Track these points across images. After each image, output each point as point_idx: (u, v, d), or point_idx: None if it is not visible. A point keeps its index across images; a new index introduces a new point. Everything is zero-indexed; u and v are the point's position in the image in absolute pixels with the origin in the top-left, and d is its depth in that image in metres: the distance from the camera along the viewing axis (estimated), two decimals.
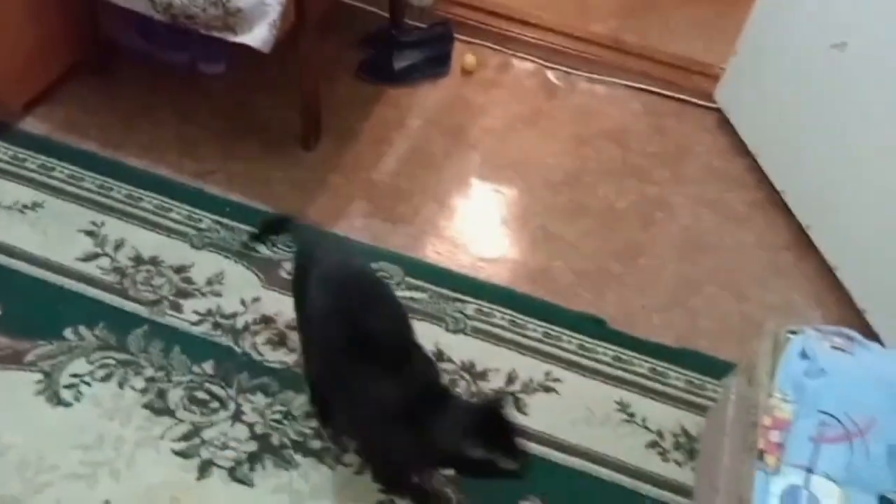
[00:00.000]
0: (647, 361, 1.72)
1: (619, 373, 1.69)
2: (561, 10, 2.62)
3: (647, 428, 1.61)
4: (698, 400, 1.66)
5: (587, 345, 1.73)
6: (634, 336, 1.76)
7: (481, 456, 1.18)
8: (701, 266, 1.94)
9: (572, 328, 1.76)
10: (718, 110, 2.32)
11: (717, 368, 1.69)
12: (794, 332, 1.32)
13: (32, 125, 2.03)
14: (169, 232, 1.84)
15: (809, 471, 1.12)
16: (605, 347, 1.73)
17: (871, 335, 1.72)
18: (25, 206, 1.84)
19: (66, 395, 1.53)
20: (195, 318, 1.69)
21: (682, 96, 2.37)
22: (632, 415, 1.63)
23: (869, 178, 1.80)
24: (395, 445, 1.29)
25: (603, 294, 1.85)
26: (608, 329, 1.77)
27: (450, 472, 1.41)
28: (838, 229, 1.91)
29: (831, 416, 1.15)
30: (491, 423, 1.21)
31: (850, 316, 1.82)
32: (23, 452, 1.45)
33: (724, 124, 2.29)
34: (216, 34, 1.81)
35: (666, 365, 1.72)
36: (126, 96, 2.14)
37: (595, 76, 2.42)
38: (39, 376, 1.55)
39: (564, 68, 2.43)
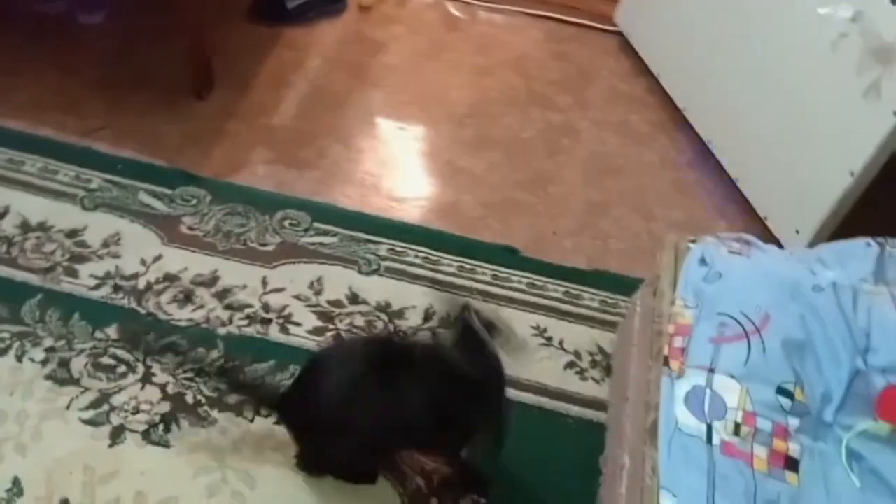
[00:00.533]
0: (561, 286, 1.74)
1: (535, 299, 1.71)
2: None
3: (564, 349, 1.64)
4: (612, 318, 1.69)
5: (501, 274, 1.74)
6: (547, 262, 1.78)
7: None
8: (608, 189, 1.97)
9: (486, 259, 1.76)
10: (619, 33, 2.33)
11: (628, 286, 1.72)
12: (694, 242, 1.35)
13: None
14: (56, 195, 1.74)
15: (711, 371, 1.15)
16: (520, 276, 1.74)
17: (773, 240, 1.78)
18: None
19: None
20: (93, 282, 1.61)
21: (582, 21, 2.37)
22: (549, 338, 1.65)
23: (764, 90, 1.84)
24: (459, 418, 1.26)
25: (514, 224, 1.86)
26: (521, 257, 1.78)
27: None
28: (737, 141, 1.96)
29: (729, 316, 1.19)
30: (470, 331, 1.20)
31: (753, 224, 1.88)
32: None
33: (626, 47, 2.30)
34: None
35: (579, 287, 1.74)
36: None
37: (495, 5, 2.38)
38: None
39: None
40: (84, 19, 2.12)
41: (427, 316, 1.65)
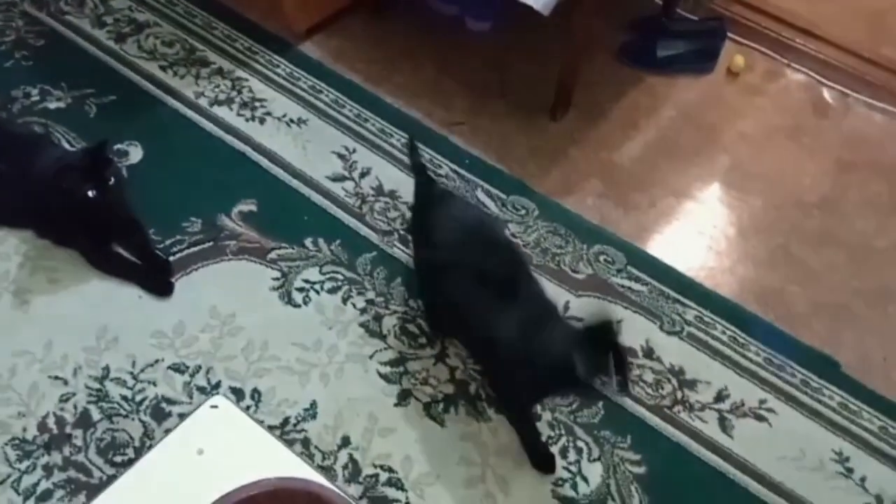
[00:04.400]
0: (878, 418, 1.55)
1: (844, 422, 1.54)
2: (851, 25, 2.39)
3: (864, 488, 1.45)
4: None
5: (813, 383, 1.59)
6: (869, 388, 1.59)
7: (588, 371, 1.18)
8: None
9: (800, 361, 1.62)
10: None
11: None
12: None
13: (310, 49, 2.20)
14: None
15: None
16: (833, 392, 1.58)
17: None
18: (292, 121, 2.00)
19: (297, 297, 1.66)
20: None
21: None
22: (850, 469, 1.47)
23: None
24: (517, 368, 1.33)
25: (839, 333, 1.69)
26: (840, 373, 1.61)
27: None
28: None
29: None
30: (601, 341, 1.20)
31: None
32: (251, 337, 1.59)
33: None
34: None
35: None
36: (393, 38, 2.25)
37: (875, 102, 2.19)
38: (277, 274, 1.69)
39: (841, 88, 2.22)
40: (472, 25, 2.31)
41: (720, 397, 1.56)
